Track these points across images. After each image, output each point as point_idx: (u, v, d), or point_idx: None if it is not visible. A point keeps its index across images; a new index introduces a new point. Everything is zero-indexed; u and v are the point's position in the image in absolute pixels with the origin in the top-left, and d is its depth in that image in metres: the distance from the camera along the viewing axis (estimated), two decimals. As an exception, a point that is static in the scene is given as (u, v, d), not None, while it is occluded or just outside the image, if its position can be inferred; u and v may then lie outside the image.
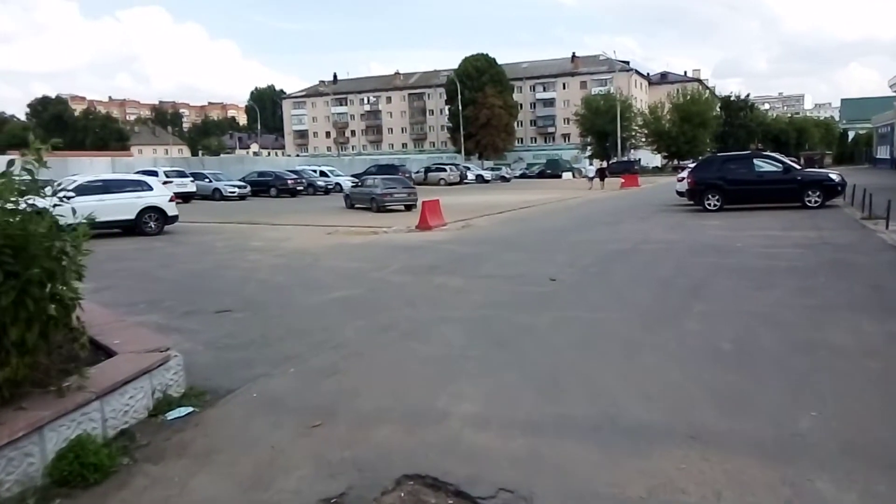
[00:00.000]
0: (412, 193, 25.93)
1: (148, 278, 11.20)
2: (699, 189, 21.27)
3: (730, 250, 12.16)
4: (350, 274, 11.13)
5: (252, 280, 10.77)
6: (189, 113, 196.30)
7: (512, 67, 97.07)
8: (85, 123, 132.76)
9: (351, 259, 12.99)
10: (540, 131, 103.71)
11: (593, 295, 8.65)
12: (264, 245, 15.83)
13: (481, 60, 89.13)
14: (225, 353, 6.36)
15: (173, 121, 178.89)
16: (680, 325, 6.82)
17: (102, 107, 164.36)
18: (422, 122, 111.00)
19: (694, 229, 16.10)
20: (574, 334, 6.64)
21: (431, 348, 6.32)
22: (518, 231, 17.67)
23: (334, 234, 17.88)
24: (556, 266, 11.08)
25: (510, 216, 22.79)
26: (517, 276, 10.40)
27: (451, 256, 12.89)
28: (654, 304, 7.89)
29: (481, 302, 8.43)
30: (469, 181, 54.46)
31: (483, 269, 11.11)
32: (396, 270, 11.33)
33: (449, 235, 16.79)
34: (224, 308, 8.38)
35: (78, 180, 17.81)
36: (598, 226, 18.10)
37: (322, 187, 39.36)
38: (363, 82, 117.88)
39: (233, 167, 42.40)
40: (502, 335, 6.71)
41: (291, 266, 12.30)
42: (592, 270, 10.60)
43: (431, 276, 10.57)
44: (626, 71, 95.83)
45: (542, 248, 13.85)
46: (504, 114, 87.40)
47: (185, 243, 16.54)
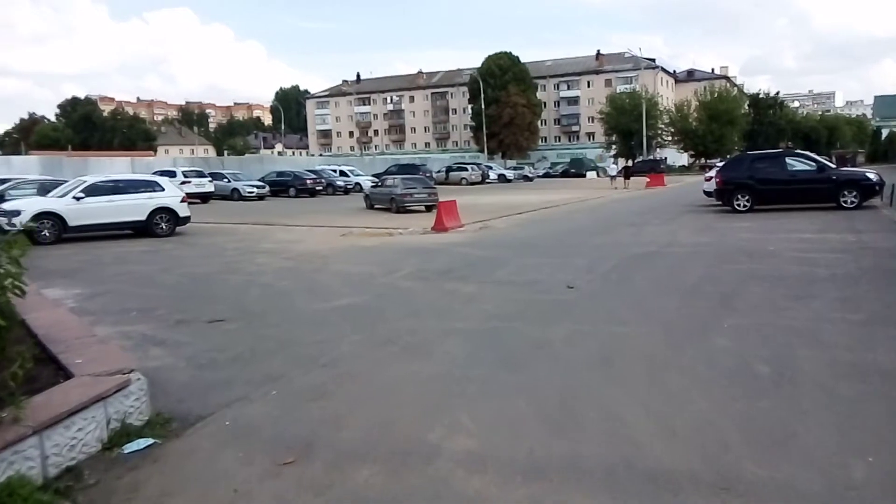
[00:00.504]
0: (433, 194, 25.28)
1: (147, 283, 10.75)
2: (728, 189, 20.40)
3: (762, 255, 11.39)
4: (357, 279, 10.58)
5: (254, 285, 10.26)
6: (215, 113, 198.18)
7: (536, 66, 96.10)
8: (113, 124, 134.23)
9: (361, 262, 12.45)
10: (564, 130, 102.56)
11: (613, 305, 7.98)
12: (275, 247, 15.36)
13: (504, 59, 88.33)
14: (206, 372, 5.82)
15: (199, 121, 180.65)
16: (709, 342, 6.13)
17: (131, 107, 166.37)
18: (444, 122, 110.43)
19: (723, 231, 15.30)
20: (591, 351, 6.00)
21: (432, 367, 5.73)
22: (537, 233, 17.00)
23: (348, 236, 17.37)
24: (575, 271, 10.42)
25: (530, 217, 22.11)
26: (533, 282, 9.76)
27: (464, 260, 12.29)
28: (679, 316, 7.21)
29: (492, 312, 7.81)
30: (491, 181, 53.76)
31: (497, 275, 10.49)
32: (406, 275, 10.75)
33: (465, 237, 16.18)
34: (218, 318, 7.86)
35: (88, 181, 17.55)
36: (621, 227, 17.36)
37: (342, 187, 38.95)
38: (386, 82, 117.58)
39: (252, 167, 42.17)
40: (511, 352, 6.08)
41: (298, 270, 11.78)
42: (613, 277, 9.92)
43: (442, 282, 9.97)
44: (651, 68, 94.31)
45: (561, 251, 13.18)
46: (527, 112, 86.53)
47: (195, 245, 16.13)
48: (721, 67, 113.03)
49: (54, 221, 16.32)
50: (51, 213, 16.35)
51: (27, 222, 15.75)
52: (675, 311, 7.45)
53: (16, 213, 16.09)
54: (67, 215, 16.47)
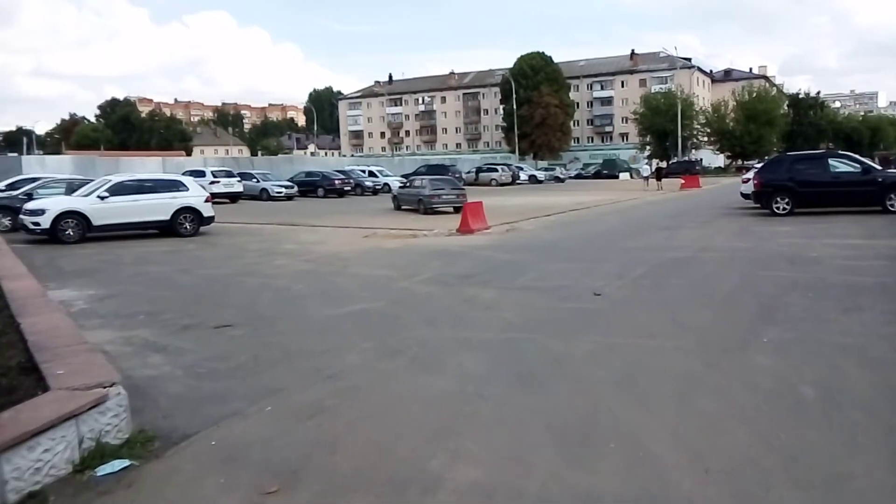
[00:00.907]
0: (461, 195, 24.73)
1: (161, 285, 10.51)
2: (767, 191, 19.58)
3: (804, 261, 10.72)
4: (375, 283, 10.20)
5: (269, 289, 9.95)
6: (250, 114, 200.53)
7: (568, 66, 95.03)
8: (150, 125, 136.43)
9: (381, 265, 12.08)
10: (597, 131, 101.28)
11: (643, 315, 7.45)
12: (296, 248, 15.08)
13: (536, 59, 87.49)
14: (203, 382, 5.47)
15: (234, 122, 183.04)
16: (747, 360, 5.59)
17: (168, 109, 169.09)
18: (476, 122, 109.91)
19: (761, 236, 14.58)
20: (616, 368, 5.50)
21: (442, 382, 5.29)
22: (565, 236, 16.46)
23: (371, 238, 17.03)
24: (603, 277, 9.90)
25: (559, 219, 21.54)
26: (558, 288, 9.26)
27: (487, 264, 11.83)
28: (715, 329, 6.66)
29: (512, 321, 7.35)
30: (522, 182, 53.08)
31: (520, 280, 10.01)
32: (425, 280, 10.34)
33: (490, 240, 15.71)
34: (226, 323, 7.54)
35: (112, 180, 17.50)
36: (654, 231, 16.72)
37: (370, 188, 38.73)
38: (418, 82, 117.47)
39: (282, 167, 42.18)
40: (530, 367, 5.62)
41: (317, 273, 11.45)
42: (644, 283, 9.37)
43: (462, 287, 9.53)
44: (687, 68, 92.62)
45: (589, 255, 12.64)
46: (560, 113, 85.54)
47: (217, 245, 15.94)
48: (759, 67, 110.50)
49: (78, 221, 16.27)
50: (75, 212, 16.30)
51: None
52: (709, 323, 6.90)
53: (40, 212, 16.11)
54: (92, 215, 16.41)
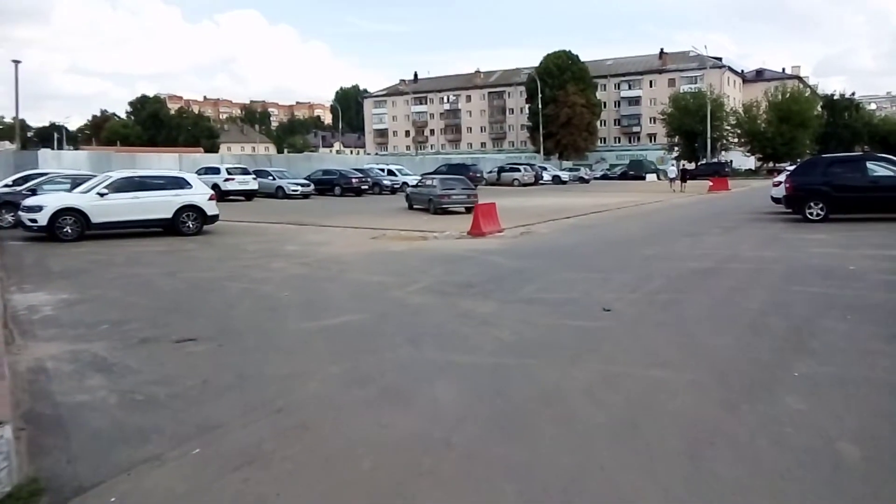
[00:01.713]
0: (472, 195, 24.07)
1: (141, 289, 9.83)
2: (799, 195, 18.42)
3: (841, 276, 9.68)
4: (368, 291, 9.42)
5: (252, 296, 9.22)
6: (278, 112, 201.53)
7: (596, 65, 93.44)
8: (178, 121, 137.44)
9: (379, 270, 11.30)
10: (624, 131, 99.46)
11: (655, 337, 6.55)
12: (298, 250, 14.37)
13: (563, 57, 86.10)
14: (133, 414, 4.72)
15: (262, 120, 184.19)
16: (775, 402, 4.69)
17: (198, 106, 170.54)
18: (501, 122, 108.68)
19: (793, 245, 13.51)
20: (616, 409, 4.63)
21: (407, 422, 4.48)
22: (581, 241, 15.52)
23: (379, 239, 16.27)
24: (616, 289, 9.00)
25: (578, 222, 20.57)
26: (564, 302, 8.39)
27: (493, 272, 10.98)
28: (737, 359, 5.74)
29: (505, 342, 6.50)
30: (545, 182, 51.96)
31: (524, 291, 9.14)
32: (422, 288, 9.52)
33: (501, 244, 14.84)
34: (189, 336, 6.80)
35: (113, 177, 16.95)
36: (677, 237, 15.70)
37: (388, 186, 37.97)
38: (443, 81, 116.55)
39: (300, 165, 41.61)
40: (514, 405, 4.78)
41: (309, 278, 10.71)
42: (660, 298, 8.44)
43: (459, 299, 8.70)
44: (718, 67, 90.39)
45: (604, 263, 11.72)
46: (586, 112, 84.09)
47: (217, 246, 15.29)
48: (792, 67, 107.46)
49: (77, 218, 15.72)
50: (73, 209, 15.76)
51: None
52: (731, 351, 5.97)
53: (37, 208, 15.62)
54: (91, 212, 15.86)
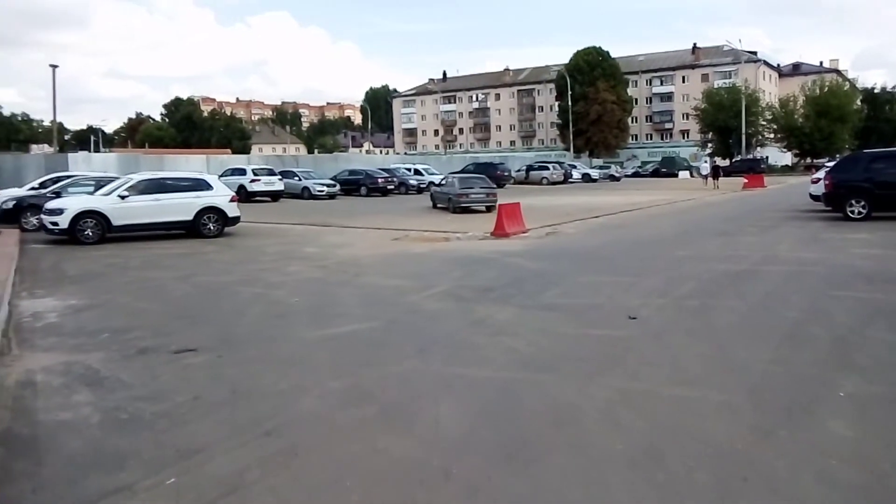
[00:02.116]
0: (491, 194, 24.04)
1: (151, 295, 9.60)
2: (840, 192, 17.59)
3: (887, 279, 9.03)
4: (381, 296, 9.05)
5: (262, 302, 8.91)
6: (309, 113, 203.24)
7: (627, 61, 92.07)
8: (211, 123, 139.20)
9: (397, 274, 10.93)
10: (656, 127, 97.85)
11: (683, 349, 6.05)
12: (316, 252, 14.08)
13: (593, 54, 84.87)
14: (114, 435, 4.39)
15: (292, 121, 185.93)
16: (818, 427, 4.18)
17: (230, 108, 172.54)
18: (531, 120, 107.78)
19: (833, 245, 12.81)
20: (637, 435, 4.17)
21: (404, 448, 4.07)
22: (609, 241, 14.96)
23: (400, 241, 15.92)
24: (644, 294, 8.49)
25: (607, 221, 19.97)
26: (587, 308, 7.92)
27: (514, 275, 10.52)
28: (775, 375, 5.23)
29: (521, 354, 6.06)
30: (574, 180, 51.13)
31: (546, 296, 8.68)
32: (439, 293, 9.12)
33: (525, 245, 14.37)
34: (190, 346, 6.49)
35: (133, 179, 16.87)
36: (709, 237, 15.05)
37: (414, 186, 37.62)
38: (472, 79, 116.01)
39: (327, 165, 41.49)
40: (524, 426, 4.34)
41: (324, 282, 10.38)
42: (690, 304, 7.91)
43: (476, 304, 8.28)
44: (753, 62, 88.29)
45: (632, 266, 11.18)
46: (617, 109, 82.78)
47: (236, 248, 15.08)
48: (830, 60, 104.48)
49: (98, 221, 15.66)
50: (94, 212, 15.70)
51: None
52: (767, 366, 5.45)
53: (59, 211, 15.58)
54: (111, 214, 15.78)
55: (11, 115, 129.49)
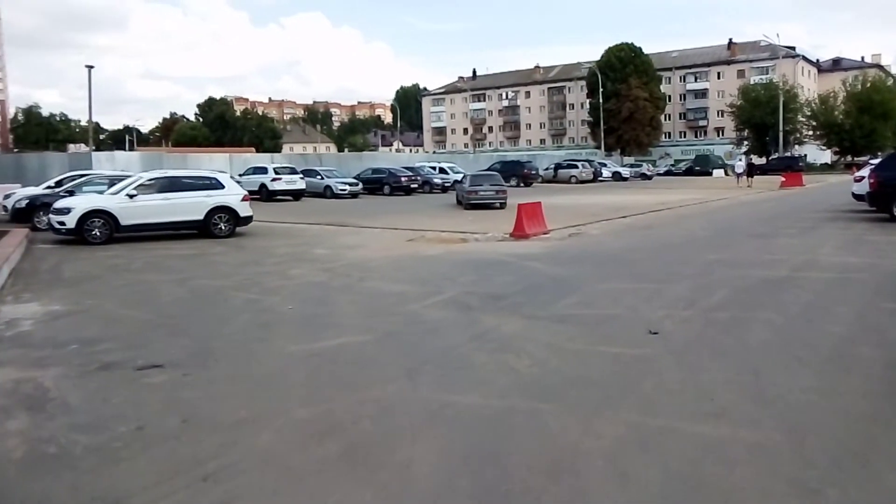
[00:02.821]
0: (501, 192, 24.99)
1: (140, 299, 9.05)
2: (886, 191, 16.44)
3: (945, 289, 8.08)
4: (383, 304, 8.36)
5: (253, 309, 8.28)
6: (340, 112, 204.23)
7: (660, 57, 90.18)
8: (243, 123, 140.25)
9: (404, 278, 10.23)
10: (690, 125, 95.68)
11: (711, 373, 5.23)
12: (326, 254, 13.47)
13: (625, 50, 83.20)
14: (30, 476, 3.76)
15: (323, 120, 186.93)
16: (875, 483, 3.36)
17: (263, 107, 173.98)
18: (561, 117, 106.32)
19: (881, 249, 11.77)
20: (649, 486, 3.40)
21: (364, 502, 3.35)
22: (635, 244, 14.07)
23: (415, 241, 15.25)
24: (668, 304, 7.66)
25: (634, 222, 19.03)
26: (604, 320, 7.13)
27: (529, 280, 9.75)
28: (818, 410, 4.39)
29: (521, 375, 5.31)
30: (604, 179, 49.89)
31: (559, 306, 7.90)
32: (444, 301, 8.40)
33: (545, 247, 13.57)
34: (157, 362, 5.87)
35: (142, 177, 16.45)
36: (744, 239, 14.08)
37: (439, 185, 36.90)
38: (502, 77, 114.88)
39: (351, 164, 40.96)
40: (511, 474, 3.59)
41: (326, 287, 9.73)
42: (720, 317, 7.06)
43: (482, 314, 7.54)
44: (791, 57, 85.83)
45: (658, 271, 10.31)
46: (649, 106, 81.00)
47: (245, 249, 14.54)
48: (872, 56, 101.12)
49: (105, 220, 15.25)
50: (102, 211, 15.30)
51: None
52: (809, 397, 4.61)
53: (66, 210, 15.21)
54: (120, 214, 15.37)
55: (50, 116, 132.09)
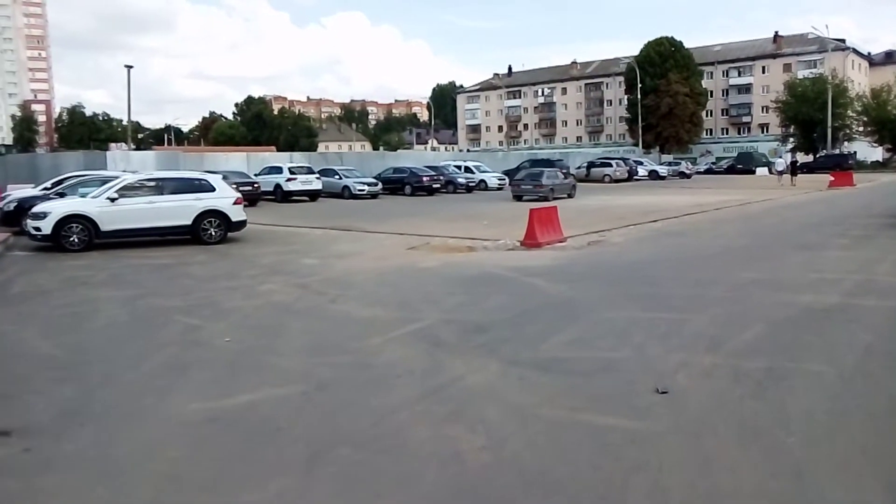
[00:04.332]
0: (539, 186, 28.01)
1: (65, 326, 7.77)
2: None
3: None
4: (339, 336, 6.94)
5: (183, 342, 6.93)
6: (376, 110, 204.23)
7: (701, 51, 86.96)
8: (280, 121, 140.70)
9: (382, 299, 8.80)
10: (733, 121, 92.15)
11: (736, 473, 3.65)
12: (311, 265, 12.14)
13: (665, 44, 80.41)
14: None
15: (360, 118, 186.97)
16: None
17: (301, 106, 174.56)
18: (598, 114, 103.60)
19: (953, 265, 9.91)
20: None
21: None
22: (661, 255, 12.37)
23: (417, 249, 13.85)
24: (687, 344, 6.07)
25: (665, 227, 17.26)
26: (601, 368, 5.57)
27: (524, 304, 8.21)
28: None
29: (467, 468, 3.81)
30: (640, 178, 47.65)
31: (550, 344, 6.35)
32: (414, 333, 6.93)
33: (556, 259, 11.99)
34: (6, 427, 4.54)
35: (126, 179, 15.33)
36: (786, 250, 12.27)
37: (463, 185, 35.30)
38: (538, 74, 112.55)
39: (373, 163, 39.56)
40: None
41: (286, 310, 8.35)
42: (752, 369, 5.42)
43: (451, 357, 6.04)
44: (840, 50, 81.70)
45: (681, 294, 8.66)
46: (690, 102, 78.10)
47: (228, 257, 13.28)
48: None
49: (84, 226, 14.16)
50: (80, 215, 14.22)
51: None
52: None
53: (42, 215, 14.17)
54: (99, 219, 14.25)
55: (93, 115, 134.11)
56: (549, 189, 28.19)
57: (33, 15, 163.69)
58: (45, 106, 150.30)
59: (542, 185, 28.35)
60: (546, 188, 28.11)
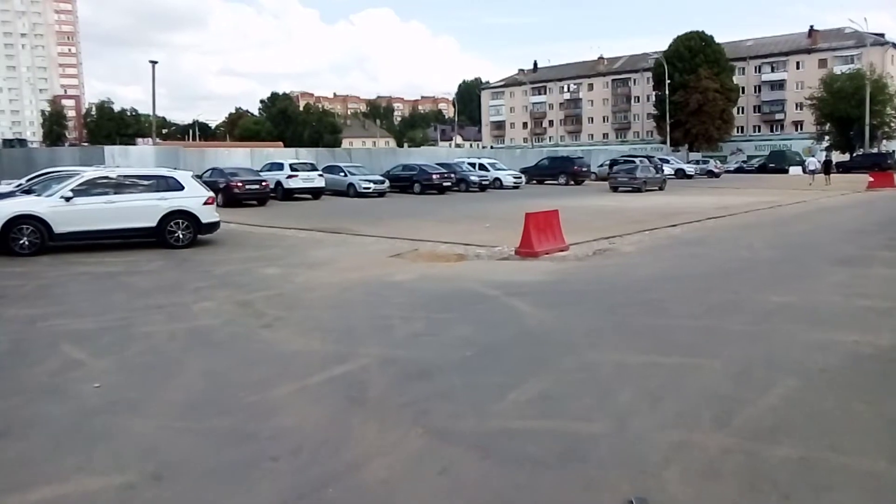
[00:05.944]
0: (630, 176, 31.77)
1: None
2: None
3: None
4: (236, 383, 5.40)
5: (43, 388, 5.45)
6: (402, 107, 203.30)
7: (733, 46, 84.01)
8: (304, 118, 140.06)
9: (324, 325, 7.26)
10: (765, 118, 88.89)
11: None
12: (272, 275, 10.67)
13: (695, 39, 77.79)
14: None
15: (385, 115, 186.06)
16: None
17: (328, 102, 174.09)
18: (626, 111, 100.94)
19: None
20: None
21: None
22: (673, 270, 10.62)
23: (400, 257, 12.31)
24: (686, 413, 4.41)
25: (683, 234, 15.45)
26: (562, 451, 3.94)
27: (492, 337, 6.58)
28: None
29: None
30: (666, 176, 45.42)
31: (505, 405, 4.73)
32: (337, 379, 5.36)
33: (550, 273, 10.31)
34: None
35: (84, 176, 13.98)
36: (822, 266, 10.44)
37: (476, 183, 33.57)
38: (563, 69, 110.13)
39: (384, 159, 37.94)
40: None
41: (201, 338, 6.85)
42: (777, 459, 3.73)
43: (365, 422, 4.47)
44: (879, 44, 78.09)
45: (690, 325, 6.94)
46: (720, 98, 75.48)
47: (183, 265, 11.84)
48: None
49: (35, 227, 12.84)
50: (31, 216, 12.89)
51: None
52: None
53: (-9, 216, 12.85)
54: (52, 220, 12.92)
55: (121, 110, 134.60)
56: (643, 181, 31.88)
57: (64, 11, 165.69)
58: (75, 101, 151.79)
59: (637, 177, 32.05)
60: (640, 180, 31.80)
